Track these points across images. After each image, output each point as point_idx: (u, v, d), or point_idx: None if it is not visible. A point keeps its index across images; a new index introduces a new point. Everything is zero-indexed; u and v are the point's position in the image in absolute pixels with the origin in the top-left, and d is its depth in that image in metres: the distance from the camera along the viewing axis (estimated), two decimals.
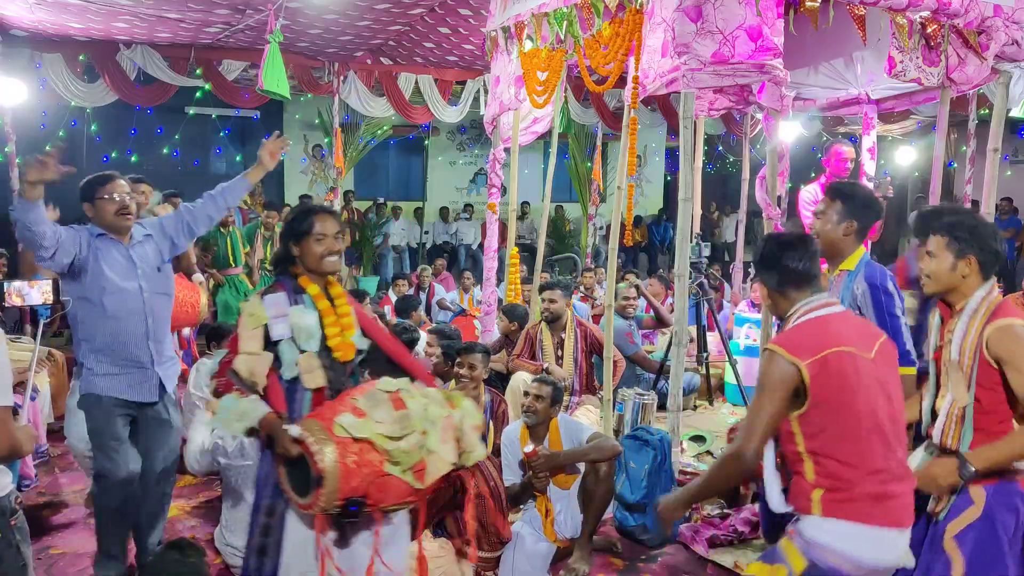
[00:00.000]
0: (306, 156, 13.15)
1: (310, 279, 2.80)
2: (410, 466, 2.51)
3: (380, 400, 2.57)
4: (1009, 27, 4.49)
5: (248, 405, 2.61)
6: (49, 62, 8.69)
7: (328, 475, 2.41)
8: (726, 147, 14.31)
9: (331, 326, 2.76)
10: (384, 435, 2.49)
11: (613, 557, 3.87)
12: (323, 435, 2.45)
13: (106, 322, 3.26)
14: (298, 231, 2.79)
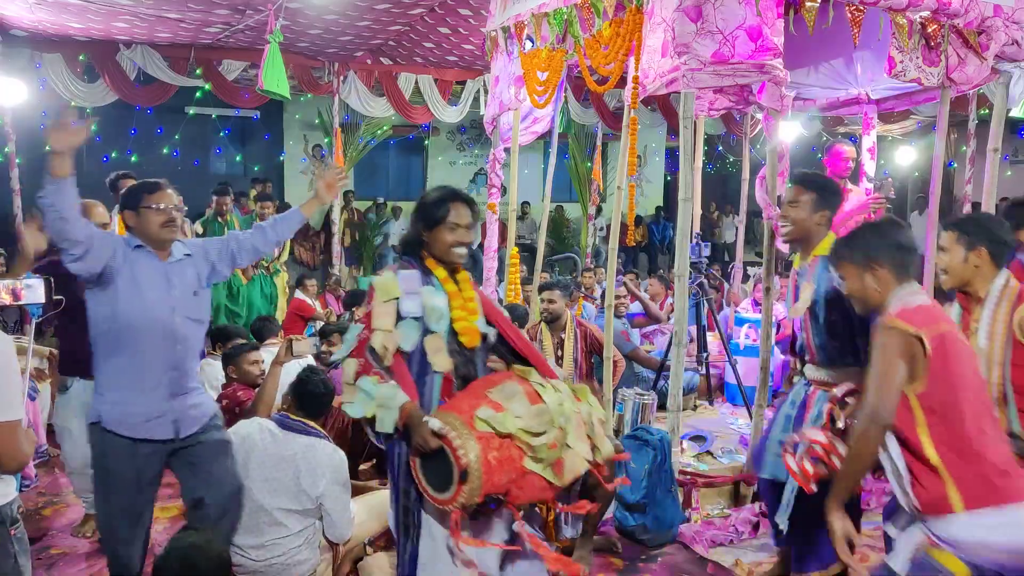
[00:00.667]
0: (306, 156, 13.15)
1: (437, 264, 2.72)
2: (551, 463, 2.46)
3: (515, 393, 2.50)
4: (1009, 27, 4.49)
5: (388, 391, 2.51)
6: (49, 62, 8.69)
7: (472, 472, 2.34)
8: (726, 147, 14.32)
9: (458, 309, 2.67)
10: (525, 430, 2.42)
11: (613, 557, 3.87)
12: (464, 430, 2.38)
13: (132, 345, 2.91)
14: (432, 217, 2.68)
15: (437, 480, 2.46)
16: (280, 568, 3.35)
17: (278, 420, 3.41)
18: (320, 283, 9.62)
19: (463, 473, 2.34)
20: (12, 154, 8.14)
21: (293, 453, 3.26)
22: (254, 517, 3.27)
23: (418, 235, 2.71)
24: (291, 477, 3.25)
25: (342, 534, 3.40)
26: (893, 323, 2.25)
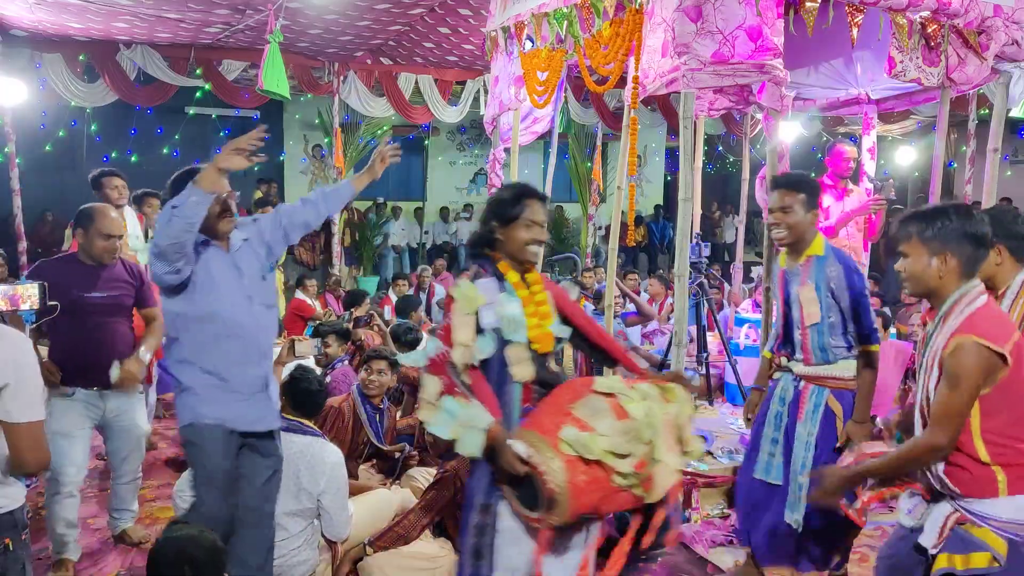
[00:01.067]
0: (306, 156, 13.15)
1: (509, 265, 2.62)
2: (640, 481, 2.38)
3: (601, 409, 2.40)
4: (1009, 27, 4.49)
5: (472, 413, 2.43)
6: (49, 62, 8.70)
7: (559, 497, 2.29)
8: (726, 147, 14.32)
9: (531, 317, 2.58)
10: (613, 452, 2.33)
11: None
12: (550, 453, 2.30)
13: (218, 341, 2.87)
14: (507, 214, 2.58)
15: (526, 497, 2.40)
16: (280, 569, 3.35)
17: None
18: (320, 283, 9.61)
19: (550, 500, 2.29)
20: (12, 154, 8.14)
21: (292, 453, 3.26)
22: None
23: (491, 233, 2.61)
24: (291, 477, 3.25)
25: (340, 533, 3.41)
26: (979, 342, 2.19)
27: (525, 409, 2.57)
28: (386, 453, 4.30)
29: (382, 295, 9.73)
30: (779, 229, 3.22)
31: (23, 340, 2.04)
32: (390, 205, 13.36)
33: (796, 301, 3.23)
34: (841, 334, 3.18)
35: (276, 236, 3.06)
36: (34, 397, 2.01)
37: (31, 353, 2.04)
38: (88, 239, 3.54)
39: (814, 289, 3.17)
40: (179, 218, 2.62)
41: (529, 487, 2.35)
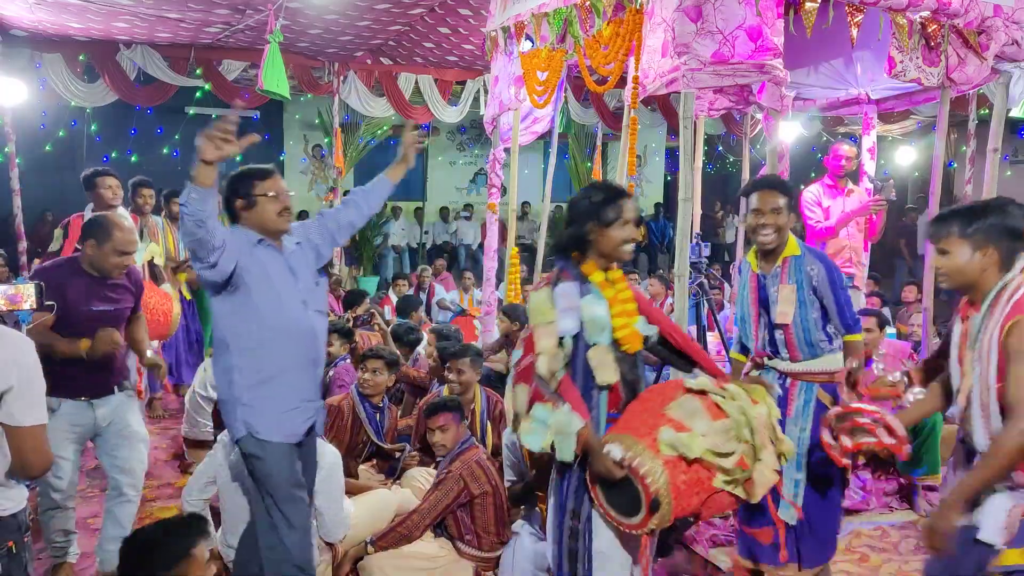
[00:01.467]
0: (306, 156, 13.16)
1: (596, 265, 2.57)
2: (742, 481, 2.35)
3: (695, 409, 2.36)
4: (1009, 27, 4.49)
5: (563, 418, 2.39)
6: (49, 62, 8.69)
7: (663, 500, 2.24)
8: (726, 147, 14.32)
9: (618, 316, 2.53)
10: (713, 451, 2.29)
11: None
12: (648, 455, 2.25)
13: (275, 347, 2.74)
14: (606, 215, 2.54)
15: (621, 504, 2.34)
16: None
17: None
18: None
19: (653, 502, 2.24)
20: (12, 154, 8.13)
21: None
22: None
23: (585, 234, 2.55)
24: None
25: (335, 534, 3.41)
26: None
27: (611, 415, 2.53)
28: (387, 452, 4.31)
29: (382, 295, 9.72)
30: (768, 232, 3.15)
31: (26, 342, 2.04)
32: (390, 205, 13.36)
33: (775, 302, 3.21)
34: (822, 328, 3.22)
35: (324, 239, 3.01)
36: (37, 400, 2.00)
37: (33, 355, 2.03)
38: (101, 253, 3.36)
39: (795, 289, 3.18)
40: (187, 216, 2.59)
41: (623, 493, 2.29)
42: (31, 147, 9.96)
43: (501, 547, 3.56)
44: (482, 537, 3.52)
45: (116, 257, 3.38)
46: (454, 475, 3.43)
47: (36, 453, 2.00)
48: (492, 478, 3.52)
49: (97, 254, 3.37)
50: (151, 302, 4.39)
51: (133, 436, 3.56)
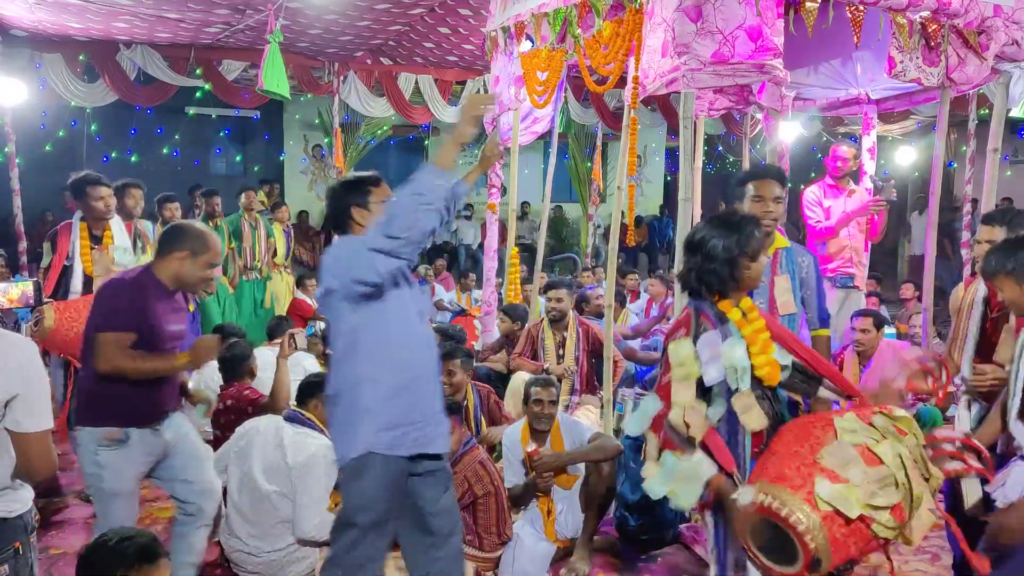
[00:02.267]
0: (306, 156, 13.15)
1: (732, 301, 2.47)
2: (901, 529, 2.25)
3: (850, 457, 2.23)
4: (1009, 27, 4.49)
5: (690, 466, 2.33)
6: (49, 62, 8.69)
7: (823, 557, 2.15)
8: (726, 147, 14.31)
9: (757, 354, 2.42)
10: (871, 504, 2.18)
11: (613, 557, 3.87)
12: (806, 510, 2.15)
13: (401, 356, 2.66)
14: (754, 247, 2.45)
15: (773, 549, 2.25)
16: (281, 564, 3.37)
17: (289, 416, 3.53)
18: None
19: (814, 561, 2.15)
20: (12, 154, 8.13)
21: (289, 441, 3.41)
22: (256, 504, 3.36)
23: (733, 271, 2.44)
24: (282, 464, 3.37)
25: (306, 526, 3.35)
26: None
27: (755, 453, 2.46)
28: None
29: None
30: (770, 219, 3.19)
31: (32, 348, 2.03)
32: None
33: (764, 294, 3.21)
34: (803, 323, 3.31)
35: None
36: (43, 406, 2.00)
37: (39, 361, 2.02)
38: (195, 265, 3.03)
39: (788, 279, 3.23)
40: (426, 205, 2.42)
41: (779, 537, 2.22)
42: (31, 147, 9.96)
43: (502, 548, 3.56)
44: (483, 538, 3.52)
45: (208, 270, 3.11)
46: (458, 477, 3.43)
47: (41, 459, 2.00)
48: (494, 478, 3.53)
49: (190, 267, 3.03)
50: None
51: (203, 455, 3.33)
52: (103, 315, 2.94)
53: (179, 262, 3.01)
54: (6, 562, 2.00)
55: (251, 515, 3.39)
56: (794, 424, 2.45)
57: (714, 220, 2.56)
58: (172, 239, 3.06)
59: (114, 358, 2.86)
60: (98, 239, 4.51)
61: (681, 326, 2.49)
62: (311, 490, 3.34)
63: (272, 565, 3.37)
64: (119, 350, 2.88)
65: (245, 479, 3.45)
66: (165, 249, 3.04)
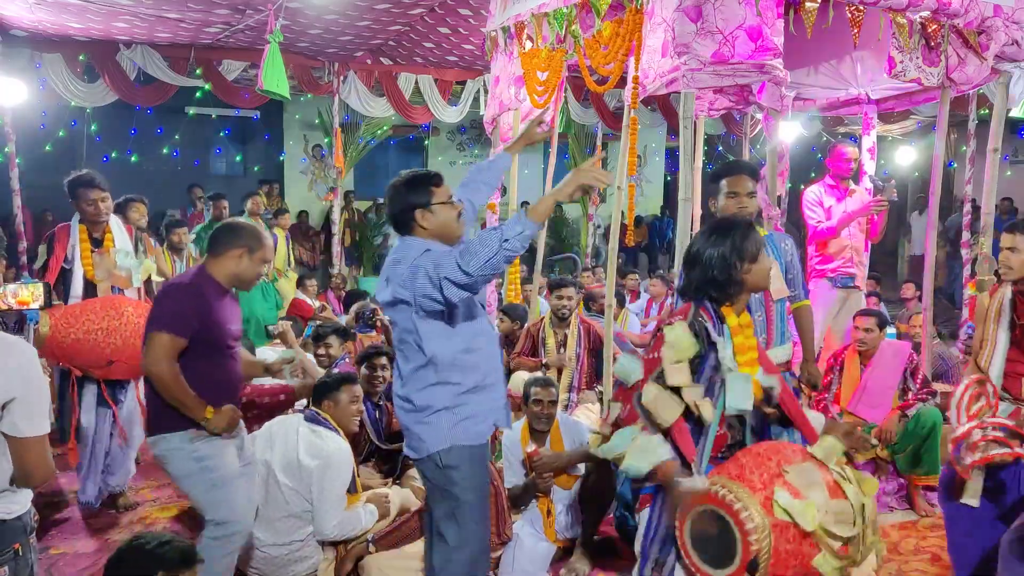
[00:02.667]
0: (306, 156, 13.16)
1: (733, 308, 2.50)
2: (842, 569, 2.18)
3: (816, 482, 2.20)
4: (1009, 27, 4.49)
5: (647, 442, 2.34)
6: (49, 62, 8.69)
7: (762, 562, 2.10)
8: (726, 147, 14.31)
9: (744, 367, 2.44)
10: (827, 530, 2.14)
11: (613, 557, 3.87)
12: (759, 512, 2.12)
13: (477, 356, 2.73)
14: (753, 250, 2.48)
15: (707, 550, 2.21)
16: (283, 563, 3.37)
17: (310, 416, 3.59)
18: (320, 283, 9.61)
19: (752, 563, 2.10)
20: (12, 154, 8.13)
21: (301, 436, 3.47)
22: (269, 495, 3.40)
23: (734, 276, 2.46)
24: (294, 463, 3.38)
25: (325, 526, 3.39)
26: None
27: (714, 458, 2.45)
28: (386, 452, 4.31)
29: None
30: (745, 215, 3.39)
31: (32, 352, 2.02)
32: None
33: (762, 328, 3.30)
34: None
35: None
36: (42, 410, 1.98)
37: (37, 365, 2.01)
38: (251, 262, 3.03)
39: (777, 266, 3.36)
40: (508, 251, 2.43)
41: (715, 542, 2.18)
42: (31, 147, 9.95)
43: (501, 547, 3.56)
44: None
45: (263, 267, 3.10)
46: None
47: (38, 465, 1.99)
48: (493, 479, 3.51)
49: (247, 264, 3.02)
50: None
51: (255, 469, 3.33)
52: (162, 316, 2.91)
53: (235, 260, 3.00)
54: (5, 564, 1.99)
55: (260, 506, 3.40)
56: (767, 443, 2.44)
57: (707, 230, 2.58)
58: (226, 237, 3.03)
59: (161, 361, 2.85)
60: (98, 242, 4.35)
61: (679, 314, 2.52)
62: (328, 491, 3.37)
63: (275, 561, 3.37)
64: (169, 355, 2.86)
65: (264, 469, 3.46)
66: (219, 248, 3.02)
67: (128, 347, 3.75)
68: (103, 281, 4.24)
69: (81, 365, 3.91)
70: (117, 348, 3.80)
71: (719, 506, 2.17)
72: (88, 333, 3.77)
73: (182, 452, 2.94)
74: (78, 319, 3.78)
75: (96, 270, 4.23)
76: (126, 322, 3.82)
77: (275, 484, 3.41)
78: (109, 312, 3.83)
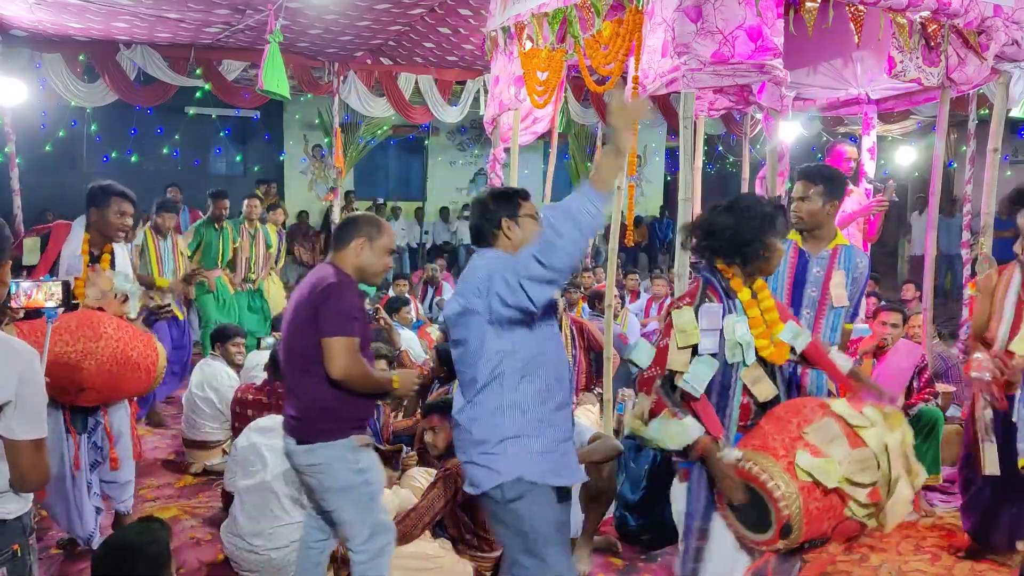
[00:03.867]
0: (306, 156, 13.16)
1: (743, 281, 2.54)
2: (875, 511, 2.33)
3: (835, 435, 2.32)
4: (1009, 27, 4.48)
5: (679, 427, 2.42)
6: (49, 62, 8.69)
7: (795, 525, 2.25)
8: (726, 147, 14.31)
9: (761, 338, 2.50)
10: (849, 480, 2.27)
11: (613, 557, 3.87)
12: (784, 478, 2.25)
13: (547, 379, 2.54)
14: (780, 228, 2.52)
15: (747, 517, 2.36)
16: (279, 563, 3.37)
17: None
18: None
19: (785, 527, 2.25)
20: (12, 154, 8.13)
21: None
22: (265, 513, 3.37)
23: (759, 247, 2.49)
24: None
25: None
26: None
27: (742, 426, 2.54)
28: (384, 453, 4.30)
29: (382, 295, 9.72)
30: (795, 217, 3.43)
31: (32, 356, 2.00)
32: (390, 205, 13.36)
33: (817, 283, 3.38)
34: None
35: None
36: (38, 414, 1.97)
37: (37, 369, 1.99)
38: (374, 252, 2.93)
39: (844, 275, 3.38)
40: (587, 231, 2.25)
41: (754, 504, 2.30)
42: (31, 147, 9.96)
43: (501, 547, 3.56)
44: (482, 537, 3.52)
45: (388, 257, 3.00)
46: (451, 474, 3.43)
47: (33, 469, 1.97)
48: None
49: (369, 254, 2.92)
50: (132, 353, 3.43)
51: None
52: (331, 320, 2.76)
53: (357, 250, 2.91)
54: (4, 564, 1.99)
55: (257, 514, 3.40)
56: (786, 403, 2.54)
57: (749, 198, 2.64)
58: (346, 231, 2.95)
59: (350, 366, 2.75)
60: (95, 257, 3.77)
61: (687, 296, 2.55)
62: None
63: (273, 563, 3.37)
64: (353, 355, 2.77)
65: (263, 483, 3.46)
66: (342, 242, 2.94)
67: (103, 373, 3.33)
68: (94, 301, 3.58)
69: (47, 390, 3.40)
70: (91, 374, 3.31)
71: (748, 479, 2.31)
72: (59, 355, 3.21)
73: (345, 462, 2.86)
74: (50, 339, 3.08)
75: (88, 287, 3.60)
76: (104, 345, 3.33)
77: (273, 496, 3.40)
78: (85, 332, 3.32)
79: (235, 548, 3.52)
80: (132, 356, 3.42)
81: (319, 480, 2.87)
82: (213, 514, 4.23)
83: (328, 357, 2.73)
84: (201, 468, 4.90)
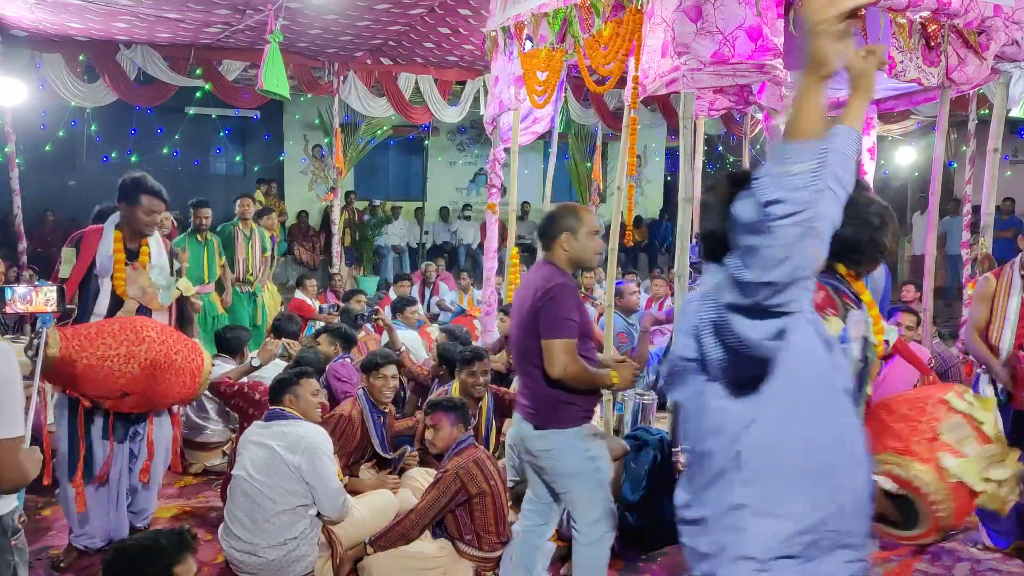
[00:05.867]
0: (306, 156, 13.16)
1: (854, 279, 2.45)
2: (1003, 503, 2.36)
3: (967, 435, 2.35)
4: (1009, 27, 4.49)
5: None
6: (49, 62, 8.70)
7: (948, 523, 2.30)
8: (726, 147, 14.32)
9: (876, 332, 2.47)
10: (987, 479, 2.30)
11: (613, 557, 3.86)
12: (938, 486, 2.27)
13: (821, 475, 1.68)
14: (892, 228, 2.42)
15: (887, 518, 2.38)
16: (281, 564, 3.37)
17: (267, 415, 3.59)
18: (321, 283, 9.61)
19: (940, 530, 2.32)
20: (12, 154, 8.14)
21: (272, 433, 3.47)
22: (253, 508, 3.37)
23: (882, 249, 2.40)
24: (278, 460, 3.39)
25: (329, 508, 3.43)
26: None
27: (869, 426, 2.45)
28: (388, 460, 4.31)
29: (382, 295, 9.73)
30: None
31: (9, 352, 1.96)
32: (390, 205, 13.37)
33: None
34: None
35: None
36: (14, 413, 1.92)
37: (13, 368, 1.94)
38: (578, 239, 3.01)
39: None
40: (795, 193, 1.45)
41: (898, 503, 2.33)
42: (31, 147, 9.96)
43: (501, 547, 3.56)
44: (482, 537, 3.52)
45: (596, 238, 3.08)
46: (450, 474, 3.43)
47: (9, 469, 1.93)
48: (491, 478, 3.51)
49: (574, 243, 3.02)
50: (176, 357, 3.38)
51: None
52: (553, 323, 2.88)
53: (564, 245, 3.01)
54: None
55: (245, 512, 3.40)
56: (904, 398, 2.56)
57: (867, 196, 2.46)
58: (548, 228, 3.06)
59: (568, 365, 2.87)
60: (133, 254, 3.66)
61: (827, 306, 2.24)
62: (324, 475, 3.40)
63: (271, 565, 3.37)
64: (573, 356, 2.89)
65: (238, 479, 3.46)
66: (548, 240, 3.06)
67: (146, 378, 3.30)
68: (136, 298, 3.59)
69: (90, 394, 3.33)
70: (134, 378, 3.28)
71: (903, 486, 2.31)
72: (102, 359, 3.21)
73: (577, 450, 3.01)
74: (92, 342, 3.23)
75: (129, 286, 3.58)
76: (147, 349, 3.30)
77: (254, 487, 3.39)
78: (128, 336, 3.29)
79: (232, 551, 3.52)
80: (176, 360, 3.39)
81: (551, 464, 3.05)
82: (213, 514, 4.23)
83: (547, 358, 2.89)
84: (201, 468, 4.90)
